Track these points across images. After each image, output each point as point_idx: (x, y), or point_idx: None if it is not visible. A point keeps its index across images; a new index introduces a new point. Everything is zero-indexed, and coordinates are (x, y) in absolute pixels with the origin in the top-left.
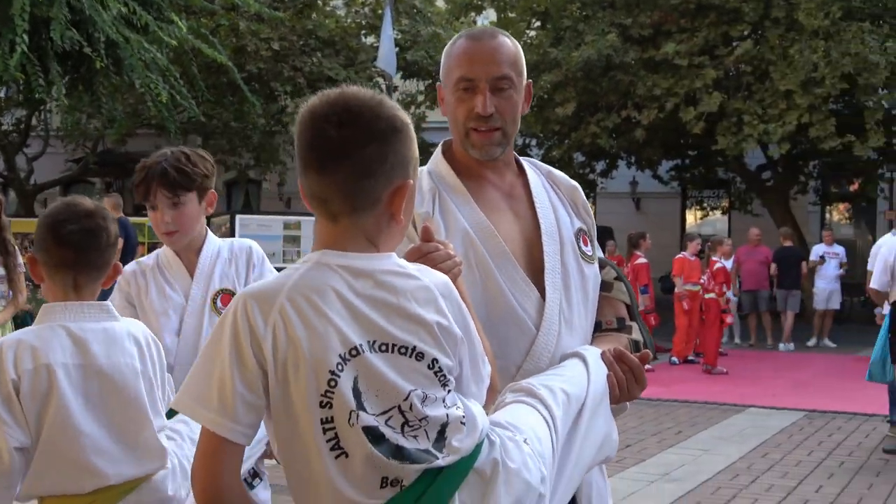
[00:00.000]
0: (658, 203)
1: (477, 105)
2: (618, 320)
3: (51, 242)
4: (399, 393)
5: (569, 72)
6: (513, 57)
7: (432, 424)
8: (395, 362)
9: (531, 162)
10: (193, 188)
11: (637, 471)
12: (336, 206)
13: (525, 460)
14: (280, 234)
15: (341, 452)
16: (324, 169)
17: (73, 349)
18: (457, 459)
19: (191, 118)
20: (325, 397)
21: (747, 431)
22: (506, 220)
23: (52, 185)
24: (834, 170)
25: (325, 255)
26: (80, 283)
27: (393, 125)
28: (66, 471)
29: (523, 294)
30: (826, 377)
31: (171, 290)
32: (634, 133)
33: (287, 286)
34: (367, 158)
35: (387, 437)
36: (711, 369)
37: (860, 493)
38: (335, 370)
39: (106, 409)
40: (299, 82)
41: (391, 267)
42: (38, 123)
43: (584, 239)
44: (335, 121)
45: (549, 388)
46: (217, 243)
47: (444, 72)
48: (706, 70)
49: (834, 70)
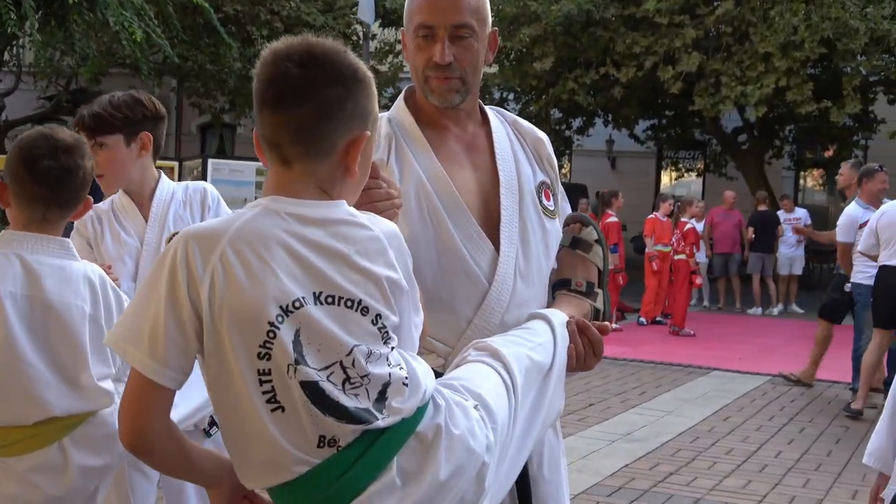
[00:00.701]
0: (633, 162)
1: (435, 53)
2: (587, 284)
3: (25, 176)
4: (342, 347)
5: (548, 26)
6: (474, 4)
7: (374, 383)
8: (340, 315)
9: (497, 111)
10: (115, 131)
11: (599, 430)
12: (289, 150)
13: (472, 426)
14: (252, 180)
15: (277, 406)
16: (280, 107)
17: (24, 279)
18: (397, 421)
19: (166, 59)
20: (264, 348)
21: (711, 394)
22: (464, 171)
23: (23, 122)
24: (809, 135)
25: (275, 202)
26: (49, 218)
27: (356, 74)
28: (9, 401)
29: (476, 247)
30: (793, 342)
31: (126, 234)
32: (612, 91)
33: (231, 230)
34: (327, 100)
35: (326, 393)
36: (679, 331)
37: (819, 459)
38: (275, 322)
39: (50, 345)
40: (276, 26)
41: (342, 216)
42: (10, 59)
43: (546, 193)
44: (297, 60)
45: (515, 353)
46: (171, 186)
47: (406, 18)
48: (686, 29)
49: (813, 34)
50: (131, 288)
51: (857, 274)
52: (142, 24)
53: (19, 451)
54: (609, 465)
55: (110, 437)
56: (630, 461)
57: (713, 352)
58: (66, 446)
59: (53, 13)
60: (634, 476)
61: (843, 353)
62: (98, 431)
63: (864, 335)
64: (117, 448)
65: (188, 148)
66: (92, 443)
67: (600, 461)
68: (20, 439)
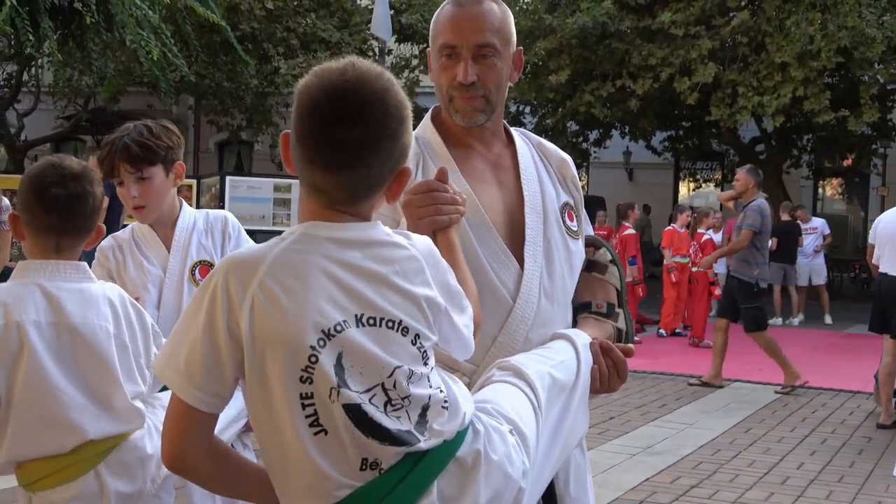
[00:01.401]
0: (651, 174)
1: (458, 73)
2: (608, 305)
3: (35, 205)
4: (384, 369)
5: (563, 39)
6: (498, 24)
7: (414, 404)
8: (381, 337)
9: (522, 132)
10: (158, 161)
11: (619, 443)
12: (335, 196)
13: (509, 452)
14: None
15: (321, 429)
16: (330, 170)
17: (46, 307)
18: (439, 444)
19: (183, 77)
20: (306, 373)
21: (731, 406)
22: (490, 190)
23: (42, 142)
24: (827, 144)
25: (313, 227)
26: (62, 246)
27: (400, 115)
28: (45, 430)
29: (501, 265)
30: (814, 353)
31: (149, 263)
32: (629, 103)
33: (270, 258)
34: (376, 160)
35: (369, 415)
36: (698, 342)
37: (842, 470)
38: (316, 346)
39: (79, 368)
40: (293, 43)
41: (380, 237)
42: (29, 79)
43: (569, 214)
44: (344, 120)
45: (538, 371)
46: (192, 214)
47: (431, 38)
48: (702, 40)
49: (830, 43)
50: (154, 316)
51: None
52: (158, 42)
53: (58, 482)
54: (630, 479)
55: (142, 461)
56: (651, 475)
57: (733, 363)
58: (101, 474)
59: (71, 33)
60: (656, 490)
61: (866, 362)
62: (131, 456)
63: None
64: (150, 472)
65: (206, 165)
66: (126, 469)
67: (621, 475)
68: (57, 470)
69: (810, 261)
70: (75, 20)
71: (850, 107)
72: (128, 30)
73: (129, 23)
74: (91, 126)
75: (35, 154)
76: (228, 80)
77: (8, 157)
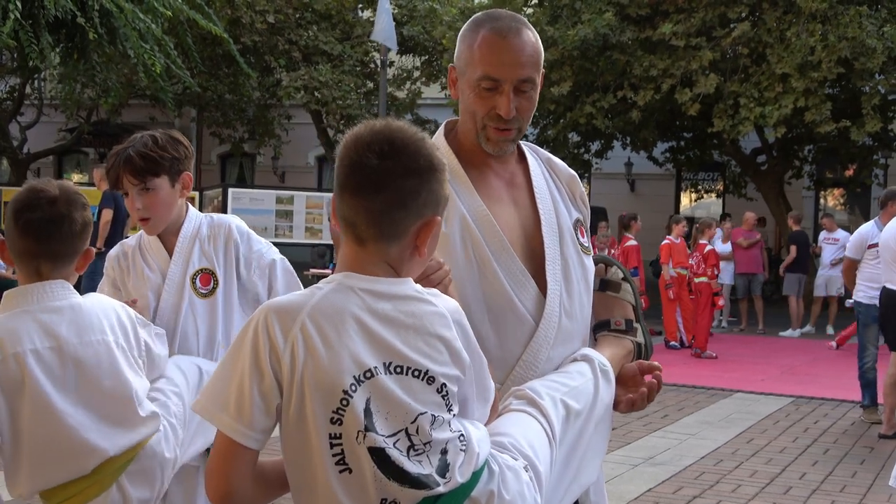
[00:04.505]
0: (653, 185)
1: (500, 107)
2: (626, 322)
3: (12, 230)
4: (409, 415)
5: (565, 50)
6: (536, 56)
7: (435, 449)
8: (407, 384)
9: (531, 147)
10: (162, 172)
11: (622, 454)
12: (364, 231)
13: (522, 490)
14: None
15: (345, 468)
16: (358, 194)
17: (41, 333)
18: (456, 487)
19: (186, 89)
20: (336, 414)
21: (734, 416)
22: (506, 209)
23: (45, 155)
24: (829, 155)
25: (349, 278)
26: (43, 272)
27: (431, 163)
28: (63, 457)
29: (521, 287)
30: (816, 363)
31: (149, 270)
32: (630, 114)
33: (309, 305)
34: (402, 191)
35: (392, 459)
36: (701, 353)
37: (844, 480)
38: (348, 390)
39: (84, 389)
40: (294, 56)
41: (410, 292)
42: (31, 92)
43: (581, 230)
44: (377, 150)
45: (552, 399)
46: (197, 220)
47: (462, 60)
48: (703, 51)
49: (831, 54)
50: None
51: (859, 293)
52: (161, 55)
53: (83, 501)
54: (633, 489)
55: (161, 465)
56: (654, 485)
57: (735, 374)
58: (123, 485)
59: (75, 47)
60: (658, 500)
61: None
62: (150, 462)
63: (867, 353)
64: (167, 474)
65: (208, 177)
66: (146, 476)
67: (624, 486)
68: (81, 490)
69: (828, 271)
70: (78, 33)
71: (851, 117)
72: (130, 42)
73: (132, 35)
74: (93, 139)
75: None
76: (230, 92)
77: (10, 170)
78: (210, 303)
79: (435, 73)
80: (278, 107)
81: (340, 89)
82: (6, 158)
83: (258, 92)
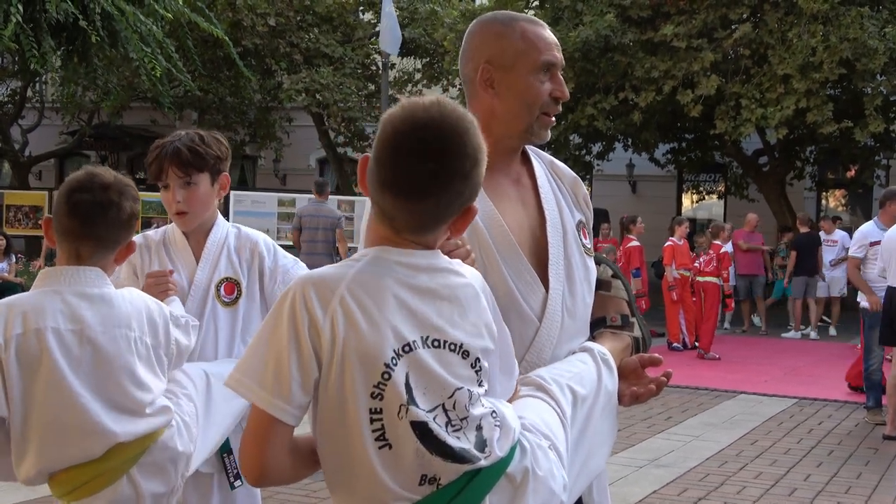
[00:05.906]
0: (654, 186)
1: (559, 89)
2: (622, 317)
3: (60, 209)
4: (446, 390)
5: (566, 52)
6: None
7: (471, 425)
8: (444, 359)
9: (534, 150)
10: (206, 169)
11: (626, 456)
12: (401, 225)
13: (551, 468)
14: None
15: (385, 444)
16: (401, 196)
17: (66, 315)
18: (495, 461)
19: (187, 92)
20: (378, 388)
21: (738, 418)
22: (513, 209)
23: (46, 158)
24: (830, 156)
25: (385, 252)
26: (82, 254)
27: (475, 158)
28: (73, 437)
29: (527, 287)
30: (819, 365)
31: (175, 272)
32: (632, 115)
33: (347, 278)
34: (449, 194)
35: (434, 433)
36: (704, 354)
37: (848, 482)
38: (390, 364)
39: (98, 375)
40: (296, 58)
41: (444, 264)
42: (33, 95)
43: (583, 231)
44: (421, 154)
45: (558, 384)
46: (225, 228)
47: (509, 55)
48: (704, 53)
49: (832, 55)
50: None
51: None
52: (163, 57)
53: (92, 491)
54: (637, 491)
55: (174, 460)
56: (658, 487)
57: (739, 375)
58: (134, 477)
59: (76, 50)
60: (663, 502)
61: None
62: (162, 456)
63: (872, 354)
64: (181, 470)
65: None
66: (159, 469)
67: (628, 488)
68: (92, 478)
69: (830, 272)
70: (80, 37)
71: (852, 118)
72: (132, 45)
73: (133, 38)
74: (95, 141)
75: (39, 170)
76: (231, 95)
77: (12, 173)
78: (232, 312)
79: (436, 76)
80: (279, 109)
81: (342, 92)
82: (7, 161)
83: (259, 95)
